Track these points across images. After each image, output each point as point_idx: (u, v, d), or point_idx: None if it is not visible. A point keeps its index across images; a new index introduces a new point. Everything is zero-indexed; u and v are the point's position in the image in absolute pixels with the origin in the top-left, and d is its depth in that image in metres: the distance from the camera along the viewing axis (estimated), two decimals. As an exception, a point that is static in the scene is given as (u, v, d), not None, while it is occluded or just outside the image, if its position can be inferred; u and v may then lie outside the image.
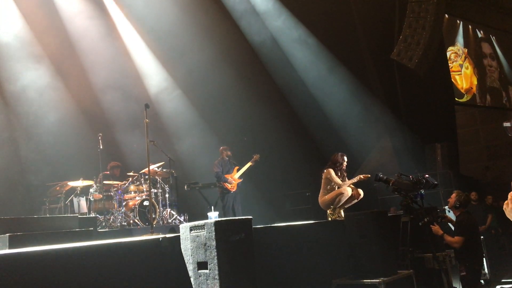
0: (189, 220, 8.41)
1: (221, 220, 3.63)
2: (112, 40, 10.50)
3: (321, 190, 6.92)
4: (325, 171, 6.90)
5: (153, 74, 11.13)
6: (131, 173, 8.55)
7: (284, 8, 11.31)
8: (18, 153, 8.87)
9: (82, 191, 8.11)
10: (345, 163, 6.93)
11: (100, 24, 10.33)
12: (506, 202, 1.85)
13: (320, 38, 11.35)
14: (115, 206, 8.00)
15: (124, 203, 8.14)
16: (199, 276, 3.64)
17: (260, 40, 11.32)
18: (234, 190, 8.74)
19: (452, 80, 12.87)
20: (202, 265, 3.61)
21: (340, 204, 6.70)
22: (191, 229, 3.78)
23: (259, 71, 11.45)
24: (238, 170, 8.90)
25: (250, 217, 3.86)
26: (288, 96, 11.57)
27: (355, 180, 6.69)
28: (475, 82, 13.50)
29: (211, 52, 11.12)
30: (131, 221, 7.87)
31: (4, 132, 8.87)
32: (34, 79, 9.23)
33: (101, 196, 7.92)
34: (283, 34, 11.47)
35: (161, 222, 8.18)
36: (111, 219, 7.76)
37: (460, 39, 13.36)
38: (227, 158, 8.91)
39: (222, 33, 11.13)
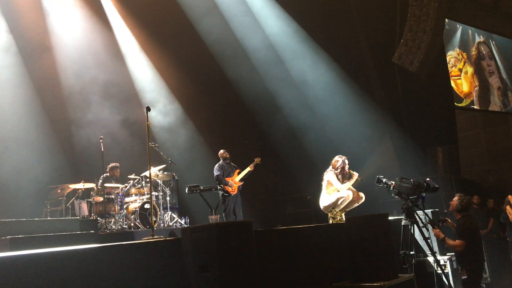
0: (190, 223, 8.41)
1: (222, 223, 3.63)
2: (111, 45, 10.56)
3: (321, 194, 6.91)
4: (325, 174, 6.90)
5: (154, 77, 11.16)
6: (132, 176, 8.55)
7: (286, 13, 11.33)
8: (19, 156, 8.88)
9: (83, 194, 8.12)
10: (346, 166, 6.92)
11: (101, 33, 10.41)
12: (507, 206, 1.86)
13: (321, 42, 11.37)
14: (116, 209, 7.99)
15: (125, 206, 8.14)
16: (200, 279, 3.63)
17: (258, 45, 11.34)
18: (235, 193, 8.73)
19: (452, 84, 12.87)
20: (202, 268, 3.61)
21: (341, 207, 6.70)
22: (192, 232, 3.78)
23: (261, 75, 11.47)
24: (239, 173, 8.90)
25: (251, 220, 3.87)
26: (289, 99, 11.57)
27: (352, 181, 6.70)
28: (475, 86, 13.50)
29: (212, 55, 11.17)
30: (132, 224, 7.87)
31: (5, 135, 8.88)
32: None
33: (102, 199, 7.92)
34: (283, 39, 11.49)
35: (162, 225, 8.18)
36: (112, 222, 7.76)
37: (460, 43, 13.36)
38: (227, 161, 8.92)
39: (222, 37, 11.17)
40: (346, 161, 6.93)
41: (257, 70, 11.39)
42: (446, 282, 5.80)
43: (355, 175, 6.75)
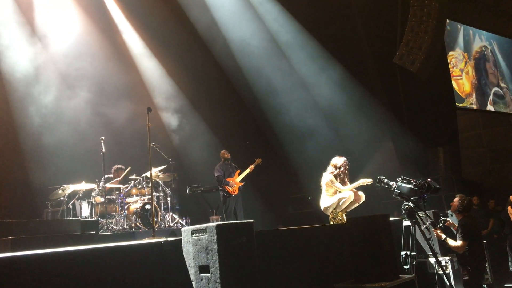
0: (191, 224, 8.42)
1: (223, 224, 3.62)
2: (112, 43, 10.56)
3: (322, 195, 6.90)
4: (326, 175, 6.89)
5: (156, 78, 11.16)
6: (133, 177, 8.56)
7: (289, 14, 11.33)
8: (21, 156, 8.88)
9: (84, 195, 8.12)
10: (347, 167, 6.91)
11: (105, 31, 10.41)
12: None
13: (323, 43, 11.37)
14: (117, 209, 8.00)
15: (126, 207, 8.15)
16: (201, 280, 3.63)
17: (261, 46, 11.34)
18: (235, 193, 8.74)
19: (453, 84, 12.87)
20: (203, 268, 3.61)
21: (342, 208, 6.69)
22: (193, 232, 3.78)
23: (263, 75, 11.48)
24: (240, 173, 8.91)
25: (252, 220, 3.86)
26: (290, 100, 11.58)
27: (356, 185, 6.66)
28: (476, 87, 13.50)
29: (213, 55, 11.18)
30: (133, 225, 7.88)
31: (6, 135, 8.89)
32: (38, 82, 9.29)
33: (103, 199, 7.92)
34: (286, 40, 11.51)
35: (163, 226, 8.19)
36: (113, 223, 7.76)
37: (461, 44, 13.37)
38: (227, 161, 8.93)
39: (225, 37, 11.18)
40: (347, 162, 6.93)
41: (259, 70, 11.39)
42: (447, 283, 5.79)
43: (366, 180, 6.59)
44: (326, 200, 6.79)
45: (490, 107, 13.73)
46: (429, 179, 5.62)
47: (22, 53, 9.20)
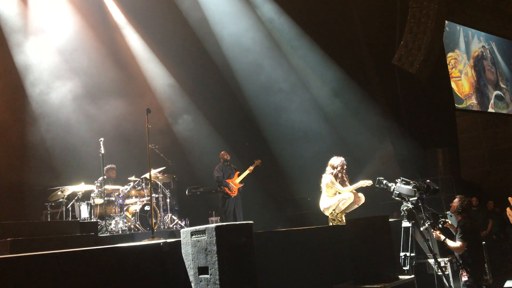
0: (190, 225, 8.41)
1: (222, 225, 3.62)
2: (114, 44, 10.55)
3: (322, 196, 6.90)
4: (326, 176, 6.89)
5: (158, 78, 11.16)
6: (132, 178, 8.55)
7: (286, 15, 11.34)
8: (20, 158, 8.87)
9: (83, 196, 8.11)
10: (344, 166, 6.91)
11: (104, 30, 10.39)
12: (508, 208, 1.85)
13: (321, 44, 11.37)
14: (116, 211, 7.99)
15: (125, 208, 8.14)
16: (200, 281, 3.63)
17: (258, 47, 11.34)
18: (235, 195, 8.74)
19: (452, 85, 12.88)
20: (203, 270, 3.61)
21: (342, 209, 6.69)
22: (192, 234, 3.78)
23: (261, 76, 11.48)
24: (239, 175, 8.91)
25: (251, 222, 3.86)
26: (289, 102, 11.58)
27: (356, 186, 6.66)
28: (475, 88, 13.52)
29: (212, 56, 11.18)
30: (132, 226, 7.87)
31: (5, 137, 8.88)
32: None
33: (102, 201, 7.91)
34: (284, 41, 11.52)
35: (162, 227, 8.18)
36: (112, 224, 7.76)
37: (460, 45, 13.38)
38: (227, 163, 8.94)
39: (223, 37, 11.18)
40: (345, 162, 6.93)
41: (258, 72, 11.39)
42: (447, 284, 5.79)
43: (366, 182, 6.61)
44: (325, 201, 6.80)
45: (491, 110, 13.75)
46: (428, 180, 5.62)
47: (21, 49, 9.19)
